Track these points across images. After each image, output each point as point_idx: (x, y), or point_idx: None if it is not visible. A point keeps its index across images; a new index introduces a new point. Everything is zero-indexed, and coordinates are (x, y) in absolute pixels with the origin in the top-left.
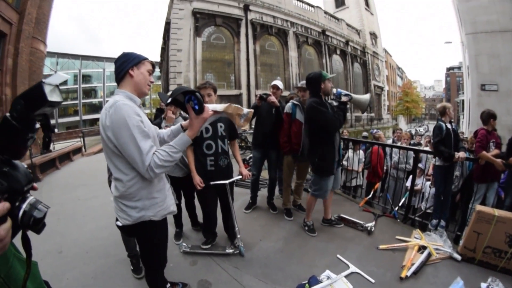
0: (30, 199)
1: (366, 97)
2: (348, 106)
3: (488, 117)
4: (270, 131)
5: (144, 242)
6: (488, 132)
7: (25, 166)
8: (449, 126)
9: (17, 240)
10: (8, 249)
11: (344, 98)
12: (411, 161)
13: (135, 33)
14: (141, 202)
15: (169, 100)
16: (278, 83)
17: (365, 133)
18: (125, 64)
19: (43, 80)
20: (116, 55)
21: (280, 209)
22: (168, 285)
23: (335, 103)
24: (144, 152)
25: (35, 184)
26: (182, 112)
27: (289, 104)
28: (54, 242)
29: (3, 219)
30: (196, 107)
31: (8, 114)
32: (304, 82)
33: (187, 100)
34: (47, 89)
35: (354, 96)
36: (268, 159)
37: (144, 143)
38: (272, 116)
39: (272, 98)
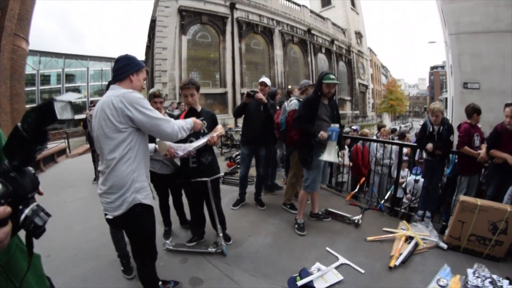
0: (33, 205)
1: (331, 157)
2: (315, 138)
3: (472, 111)
4: (259, 127)
5: (136, 231)
6: (472, 126)
7: (33, 171)
8: (435, 128)
9: (22, 233)
10: (11, 239)
11: (319, 135)
12: (393, 155)
13: (119, 30)
14: (133, 185)
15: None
16: (266, 80)
17: (347, 129)
18: (128, 68)
19: (55, 98)
20: (99, 53)
21: (269, 205)
22: (160, 283)
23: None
24: (167, 117)
25: (41, 189)
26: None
27: (295, 101)
28: (42, 246)
29: (4, 222)
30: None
31: (19, 124)
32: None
33: None
34: (57, 107)
35: (329, 144)
36: (257, 155)
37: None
38: (260, 113)
39: (260, 95)
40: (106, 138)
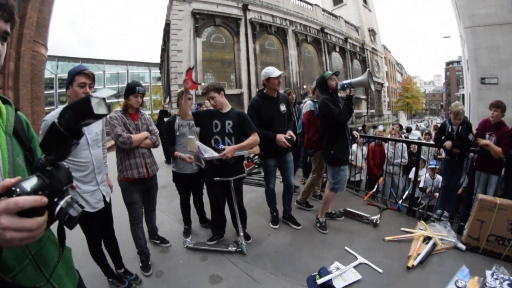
0: (68, 197)
1: (364, 76)
2: (353, 99)
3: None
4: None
5: None
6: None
7: (67, 166)
8: (454, 128)
9: (53, 226)
10: None
11: (347, 91)
12: (405, 154)
13: (133, 34)
14: None
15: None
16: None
17: (359, 128)
18: (66, 85)
19: (91, 94)
20: (112, 57)
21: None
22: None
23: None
24: None
25: (74, 184)
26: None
27: (310, 102)
28: None
29: (40, 211)
30: None
31: (56, 121)
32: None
33: None
34: (93, 102)
35: (353, 80)
36: (283, 162)
37: None
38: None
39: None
40: None
